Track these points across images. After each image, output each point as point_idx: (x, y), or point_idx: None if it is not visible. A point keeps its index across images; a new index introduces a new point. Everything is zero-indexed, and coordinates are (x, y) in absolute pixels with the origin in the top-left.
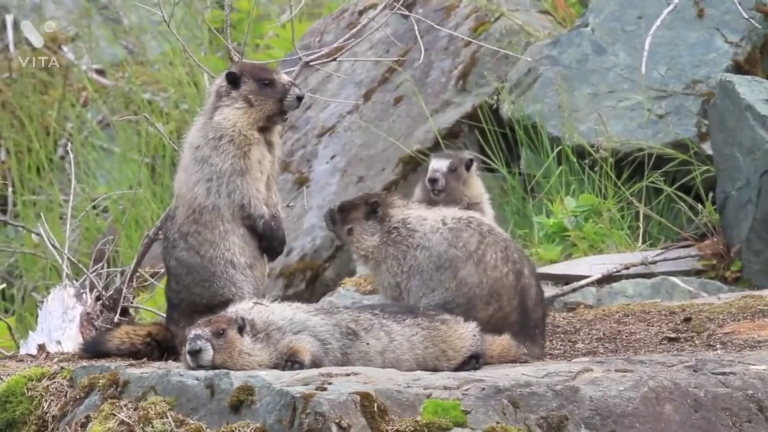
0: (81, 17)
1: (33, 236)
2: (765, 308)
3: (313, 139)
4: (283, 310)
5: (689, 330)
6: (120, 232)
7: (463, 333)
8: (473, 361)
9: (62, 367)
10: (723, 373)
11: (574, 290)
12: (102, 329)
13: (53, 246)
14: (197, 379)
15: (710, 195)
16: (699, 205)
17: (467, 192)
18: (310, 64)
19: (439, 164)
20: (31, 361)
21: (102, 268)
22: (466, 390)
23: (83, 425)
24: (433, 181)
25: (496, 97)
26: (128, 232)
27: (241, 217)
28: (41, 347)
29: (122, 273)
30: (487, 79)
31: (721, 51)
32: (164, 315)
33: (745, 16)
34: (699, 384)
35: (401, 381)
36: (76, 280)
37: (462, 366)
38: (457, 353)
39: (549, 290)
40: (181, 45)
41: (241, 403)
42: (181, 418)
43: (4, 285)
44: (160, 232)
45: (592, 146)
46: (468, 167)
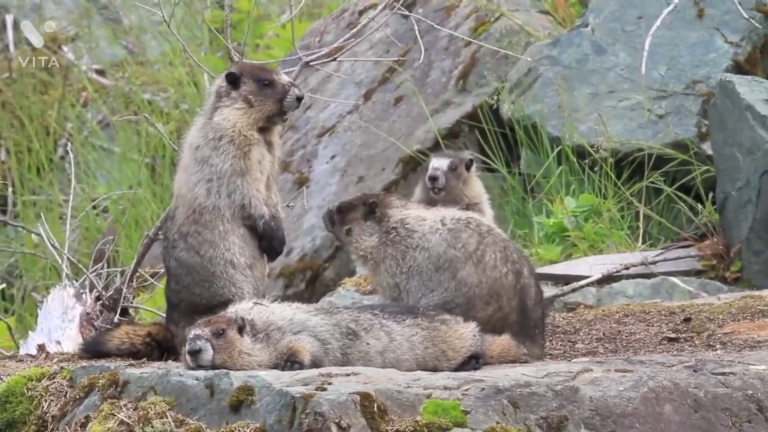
0: (81, 17)
1: (33, 236)
2: (765, 308)
3: (313, 139)
4: (283, 310)
5: (689, 330)
6: (120, 232)
7: (463, 333)
8: (473, 361)
9: (62, 367)
10: (723, 374)
11: (574, 290)
12: (102, 329)
13: (53, 246)
14: (197, 379)
15: (710, 195)
16: (699, 205)
17: (467, 192)
18: (310, 64)
19: (439, 163)
20: (30, 361)
21: (102, 268)
22: (466, 390)
23: (83, 425)
24: (433, 179)
25: (496, 97)
26: (128, 232)
27: (241, 218)
28: (41, 347)
29: (122, 273)
30: (487, 79)
31: (721, 51)
32: (164, 315)
33: (745, 16)
34: (699, 384)
35: (401, 381)
36: (76, 280)
37: (462, 366)
38: (457, 353)
39: (549, 290)
40: (181, 45)
41: (240, 403)
42: (181, 418)
43: (4, 285)
44: (159, 232)
45: (592, 146)
46: (468, 167)
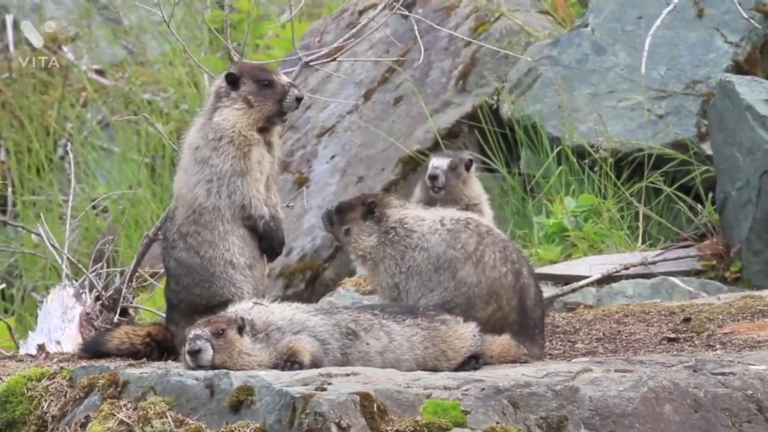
0: (81, 17)
1: (33, 236)
2: (765, 308)
3: (312, 139)
4: (282, 311)
5: (689, 330)
6: (120, 232)
7: (463, 333)
8: (473, 361)
9: (62, 367)
10: (723, 374)
11: (573, 290)
12: (101, 329)
13: (53, 246)
14: (197, 379)
15: (710, 195)
16: (699, 205)
17: (466, 192)
18: (310, 64)
19: (439, 162)
20: (30, 361)
21: (102, 268)
22: (466, 390)
23: (83, 425)
24: (433, 178)
25: (496, 97)
26: (128, 232)
27: (241, 218)
28: (41, 347)
29: (122, 273)
30: (487, 79)
31: (721, 51)
32: (164, 315)
33: (745, 16)
34: (699, 384)
35: (401, 381)
36: (76, 280)
37: (462, 366)
38: (457, 353)
39: (549, 290)
40: (181, 45)
41: (240, 403)
42: (181, 418)
43: (4, 285)
44: (159, 232)
45: (592, 146)
46: (468, 167)
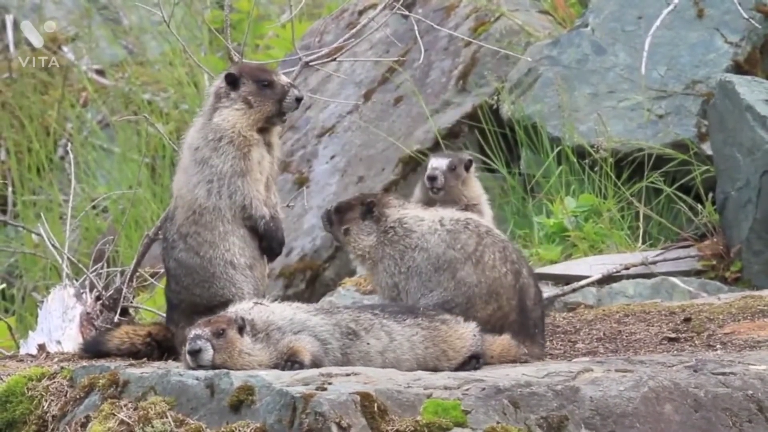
0: (81, 17)
1: (33, 236)
2: (765, 308)
3: (313, 139)
4: (283, 310)
5: (689, 330)
6: (120, 232)
7: (464, 333)
8: (473, 361)
9: (62, 367)
10: (723, 373)
11: (574, 290)
12: (102, 329)
13: (53, 246)
14: (197, 379)
15: (710, 195)
16: (699, 205)
17: (466, 192)
18: (310, 64)
19: (438, 162)
20: (31, 361)
21: (102, 268)
22: (467, 390)
23: (83, 425)
24: (432, 179)
25: (496, 98)
26: (128, 232)
27: (242, 218)
28: (41, 347)
29: (122, 273)
30: (487, 79)
31: (721, 51)
32: (164, 315)
33: (745, 16)
34: (699, 384)
35: (401, 381)
36: (76, 280)
37: (462, 366)
38: (458, 353)
39: (549, 290)
40: (181, 45)
41: (241, 403)
42: (181, 418)
43: (4, 285)
44: (159, 232)
45: (592, 146)
46: (467, 167)
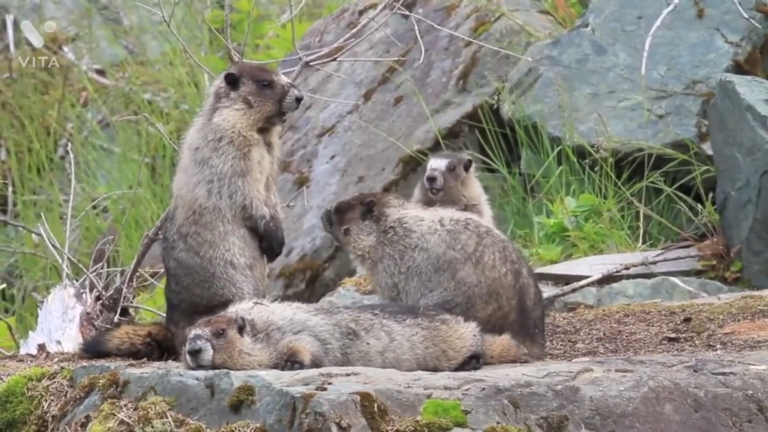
0: (81, 17)
1: (33, 236)
2: (765, 308)
3: (313, 139)
4: (283, 310)
5: (689, 330)
6: (120, 232)
7: (464, 333)
8: (473, 361)
9: (62, 367)
10: (723, 373)
11: (574, 290)
12: (102, 329)
13: (53, 246)
14: (197, 379)
15: (710, 195)
16: (699, 205)
17: (465, 193)
18: (310, 64)
19: (437, 163)
20: (31, 361)
21: (102, 268)
22: (467, 390)
23: (83, 425)
24: (431, 180)
25: (496, 97)
26: (128, 232)
27: (242, 218)
28: (41, 347)
29: (122, 273)
30: (488, 79)
31: (721, 51)
32: (164, 315)
33: (745, 16)
34: (699, 384)
35: (401, 381)
36: (76, 280)
37: (462, 366)
38: (458, 353)
39: (549, 290)
40: (181, 45)
41: (241, 403)
42: (181, 418)
43: (4, 285)
44: (159, 232)
45: (592, 146)
46: (466, 168)
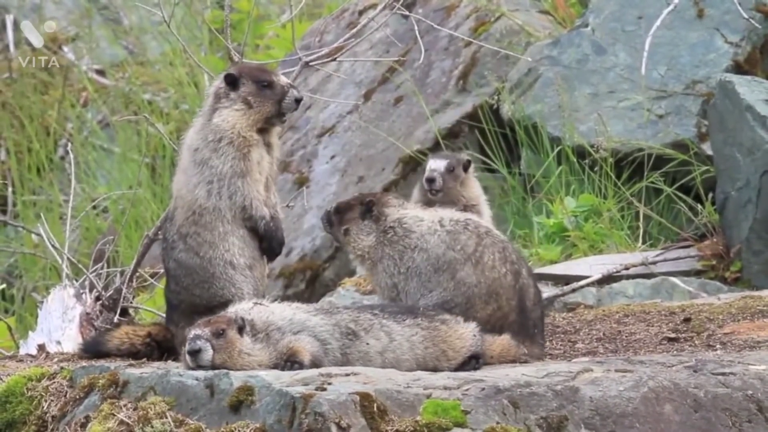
0: (81, 17)
1: (33, 236)
2: (765, 308)
3: (313, 139)
4: (282, 311)
5: (689, 330)
6: (120, 232)
7: (463, 333)
8: (473, 361)
9: (62, 367)
10: (723, 374)
11: (574, 290)
12: (102, 329)
13: (53, 246)
14: (197, 379)
15: (710, 195)
16: (699, 205)
17: (464, 193)
18: (310, 64)
19: (436, 164)
20: (30, 361)
21: (102, 268)
22: (466, 390)
23: (83, 425)
24: (430, 181)
25: (496, 97)
26: (128, 232)
27: (242, 219)
28: (41, 347)
29: (122, 273)
30: (488, 79)
31: (721, 51)
32: (164, 315)
33: (745, 16)
34: (699, 384)
35: (401, 381)
36: (76, 280)
37: (462, 366)
38: (457, 353)
39: (549, 290)
40: (181, 45)
41: (240, 403)
42: (181, 418)
43: (4, 285)
44: (159, 233)
45: (592, 146)
46: (465, 168)
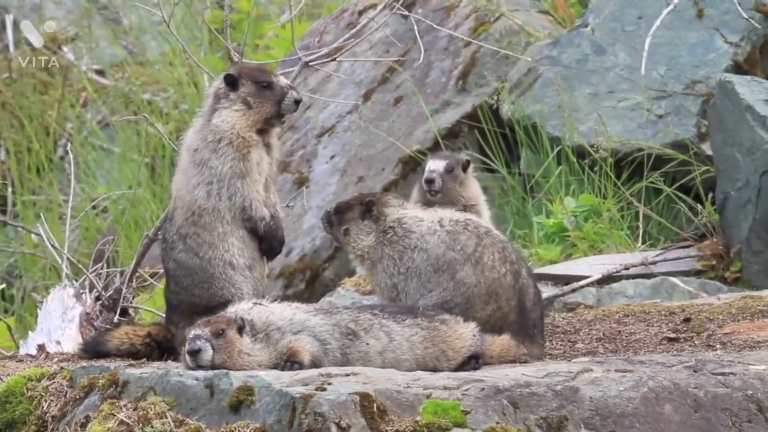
0: (81, 17)
1: (33, 236)
2: (765, 308)
3: (312, 139)
4: (282, 311)
5: (689, 330)
6: (120, 232)
7: (463, 333)
8: (473, 361)
9: (62, 367)
10: (723, 374)
11: (574, 290)
12: (101, 329)
13: (53, 246)
14: (197, 380)
15: (710, 195)
16: (699, 205)
17: (464, 193)
18: (310, 64)
19: (435, 165)
20: (30, 362)
21: (102, 268)
22: (466, 390)
23: (83, 425)
24: (429, 182)
25: (496, 97)
26: (128, 232)
27: (242, 220)
28: (41, 347)
29: (122, 273)
30: (487, 79)
31: (720, 51)
32: (164, 315)
33: (745, 16)
34: (699, 384)
35: (401, 381)
36: (76, 280)
37: (462, 366)
38: (457, 353)
39: (549, 290)
40: (181, 45)
41: (240, 403)
42: (181, 418)
43: (4, 285)
44: (159, 233)
45: (591, 146)
46: (465, 168)
